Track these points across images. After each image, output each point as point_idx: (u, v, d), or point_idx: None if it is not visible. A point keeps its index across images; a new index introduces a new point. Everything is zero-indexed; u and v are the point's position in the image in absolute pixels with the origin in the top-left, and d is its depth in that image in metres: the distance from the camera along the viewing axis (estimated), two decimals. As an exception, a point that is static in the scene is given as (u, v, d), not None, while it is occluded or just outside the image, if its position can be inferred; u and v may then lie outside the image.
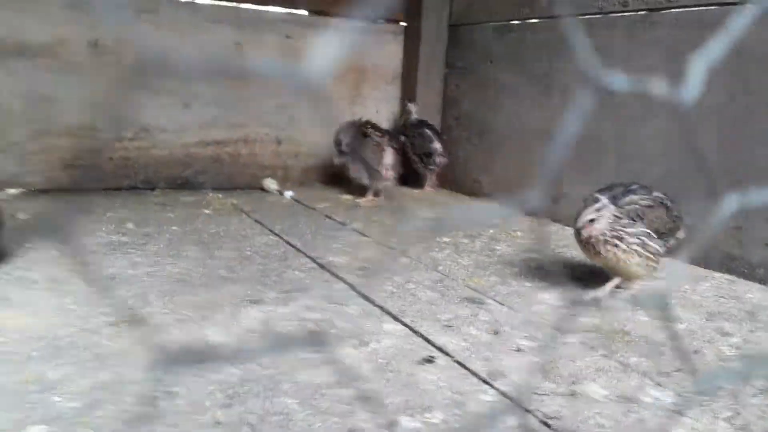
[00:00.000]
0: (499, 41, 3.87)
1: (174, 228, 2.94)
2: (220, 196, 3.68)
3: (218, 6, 3.81)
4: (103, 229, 2.82)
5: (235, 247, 2.69)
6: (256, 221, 3.20)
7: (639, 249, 2.06)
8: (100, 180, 3.65)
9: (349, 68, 4.29)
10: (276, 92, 4.00)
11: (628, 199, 2.11)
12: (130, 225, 2.92)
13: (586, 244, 2.10)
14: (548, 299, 2.20)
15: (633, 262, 2.08)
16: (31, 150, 3.52)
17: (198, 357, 1.59)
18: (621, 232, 2.05)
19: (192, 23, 3.70)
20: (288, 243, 2.80)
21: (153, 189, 3.73)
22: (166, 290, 2.11)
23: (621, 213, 2.07)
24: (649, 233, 2.08)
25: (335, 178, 4.12)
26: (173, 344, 1.70)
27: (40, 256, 2.41)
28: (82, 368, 1.54)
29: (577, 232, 2.12)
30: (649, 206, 2.13)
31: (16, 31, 3.38)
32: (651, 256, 2.09)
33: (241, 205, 3.54)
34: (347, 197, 3.87)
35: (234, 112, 3.95)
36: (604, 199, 2.06)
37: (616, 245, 2.05)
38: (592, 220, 2.05)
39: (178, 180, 3.82)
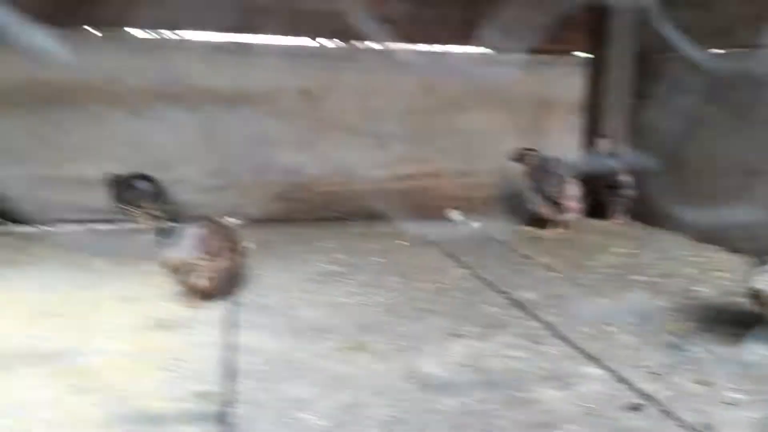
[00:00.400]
0: (693, 71, 3.75)
1: (376, 259, 3.24)
2: (411, 227, 3.95)
3: (407, 50, 4.12)
4: (317, 258, 3.18)
5: (432, 279, 2.90)
6: (447, 254, 3.40)
7: None
8: (307, 212, 4.09)
9: (531, 100, 4.38)
10: (461, 128, 4.23)
11: None
12: (339, 255, 3.27)
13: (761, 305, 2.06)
14: (758, 349, 2.13)
15: None
16: (250, 185, 4.06)
17: (420, 386, 1.79)
18: None
19: (385, 67, 4.04)
20: (479, 276, 2.96)
21: (352, 220, 4.08)
22: (380, 320, 2.37)
23: None
24: None
25: (516, 209, 4.22)
26: (395, 373, 1.93)
27: (271, 282, 2.80)
28: (323, 390, 1.81)
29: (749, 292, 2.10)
30: None
31: (241, 81, 3.93)
32: None
33: (431, 237, 3.78)
34: (531, 229, 3.94)
35: (423, 148, 4.23)
36: None
37: None
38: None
39: (374, 212, 4.15)
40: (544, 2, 3.80)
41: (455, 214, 4.27)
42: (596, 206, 4.17)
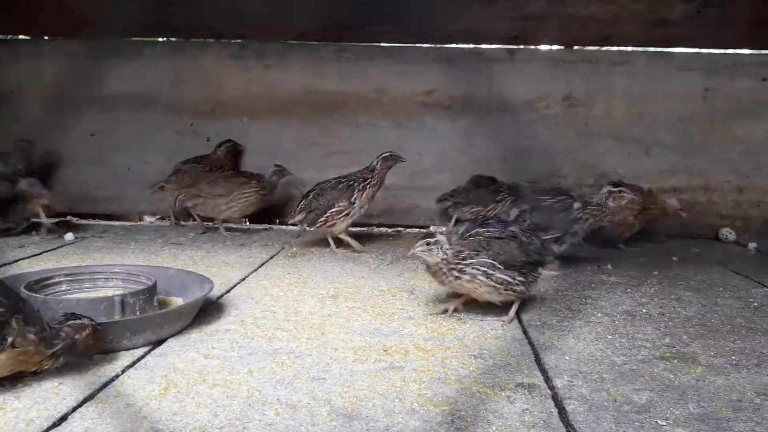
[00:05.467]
0: None
1: (654, 272, 2.97)
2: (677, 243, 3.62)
3: (690, 53, 3.80)
4: (590, 267, 3.00)
5: (736, 297, 2.56)
6: (735, 272, 3.02)
7: (484, 279, 2.10)
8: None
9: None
10: (742, 137, 3.79)
11: (473, 231, 2.18)
12: (608, 266, 3.06)
13: (433, 274, 2.17)
14: None
15: (481, 290, 2.14)
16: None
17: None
18: (461, 264, 2.11)
19: (664, 72, 3.76)
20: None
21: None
22: (695, 332, 2.11)
23: (463, 245, 2.14)
24: (493, 264, 2.11)
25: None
26: (744, 388, 1.67)
27: (550, 285, 2.68)
28: (663, 397, 1.61)
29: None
30: (496, 238, 2.16)
31: (503, 89, 3.90)
32: (498, 285, 2.12)
33: (705, 255, 3.41)
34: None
35: (694, 159, 3.85)
36: (438, 235, 2.14)
37: (457, 276, 2.12)
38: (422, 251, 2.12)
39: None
40: None
41: (726, 233, 3.81)
42: None
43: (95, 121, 4.10)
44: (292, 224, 3.49)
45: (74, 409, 1.47)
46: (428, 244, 2.13)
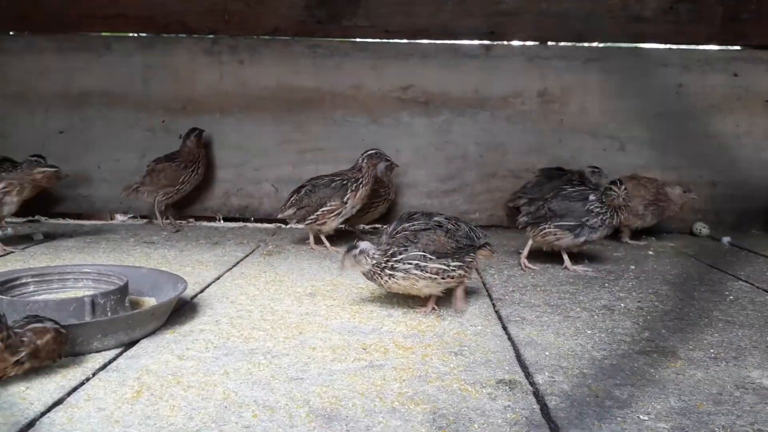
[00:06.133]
0: None
1: (631, 266, 2.99)
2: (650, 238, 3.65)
3: (664, 49, 3.83)
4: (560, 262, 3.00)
5: (712, 290, 2.58)
6: (710, 266, 3.05)
7: (418, 272, 2.10)
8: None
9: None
10: (714, 133, 3.83)
11: (400, 227, 2.18)
12: (584, 261, 3.06)
13: (371, 279, 2.18)
14: None
15: (420, 285, 2.13)
16: (479, 190, 3.99)
17: (761, 397, 1.52)
18: (391, 262, 2.11)
19: (638, 68, 3.78)
20: (764, 290, 2.60)
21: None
22: (673, 326, 2.12)
23: (390, 243, 2.14)
24: (424, 255, 2.10)
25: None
26: (724, 381, 1.68)
27: (524, 281, 2.67)
28: (644, 391, 1.61)
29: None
30: (423, 229, 2.16)
31: (479, 86, 3.90)
32: (434, 275, 2.11)
33: (680, 249, 3.44)
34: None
35: (669, 154, 3.87)
36: (361, 243, 2.16)
37: (390, 275, 2.11)
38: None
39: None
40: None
41: (701, 227, 3.85)
42: None
43: (64, 119, 4.00)
44: (281, 218, 3.43)
45: (42, 414, 1.42)
46: (354, 256, 2.14)
